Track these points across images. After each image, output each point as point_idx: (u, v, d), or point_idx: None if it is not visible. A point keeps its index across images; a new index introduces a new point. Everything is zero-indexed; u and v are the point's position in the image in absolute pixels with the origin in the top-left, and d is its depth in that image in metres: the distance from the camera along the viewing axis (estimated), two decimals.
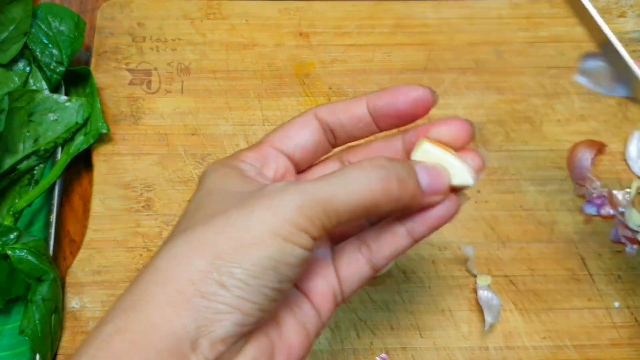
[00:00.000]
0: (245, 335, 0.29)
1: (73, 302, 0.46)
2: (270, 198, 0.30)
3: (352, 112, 0.35)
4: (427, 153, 0.33)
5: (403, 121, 0.35)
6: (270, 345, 0.31)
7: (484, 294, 0.46)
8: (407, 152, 0.35)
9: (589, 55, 0.37)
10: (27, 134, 0.50)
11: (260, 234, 0.29)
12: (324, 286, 0.33)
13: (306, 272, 0.33)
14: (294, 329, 0.32)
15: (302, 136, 0.35)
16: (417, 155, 0.34)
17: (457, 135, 0.34)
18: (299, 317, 0.32)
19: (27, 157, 0.50)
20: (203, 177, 0.34)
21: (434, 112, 0.35)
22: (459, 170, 0.33)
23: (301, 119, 0.35)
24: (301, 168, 0.36)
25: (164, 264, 0.29)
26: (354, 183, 0.30)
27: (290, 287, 0.30)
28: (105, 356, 0.28)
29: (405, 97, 0.34)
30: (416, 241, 0.34)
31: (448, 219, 0.34)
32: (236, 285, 0.28)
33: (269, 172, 0.34)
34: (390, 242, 0.34)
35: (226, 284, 0.28)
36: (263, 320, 0.30)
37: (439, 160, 0.33)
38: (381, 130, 0.36)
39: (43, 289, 0.44)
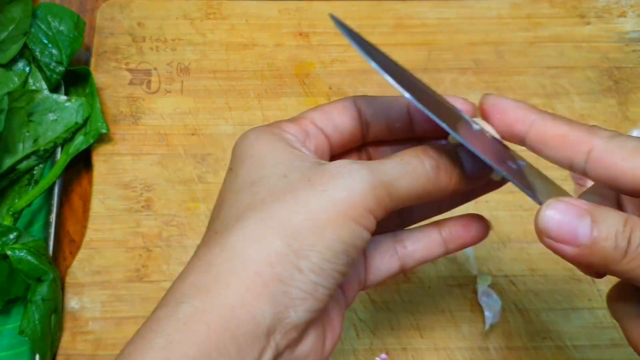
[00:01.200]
0: (313, 322, 0.29)
1: (73, 302, 0.46)
2: (342, 177, 0.29)
3: (393, 108, 0.34)
4: None
5: (439, 134, 0.33)
6: (323, 329, 0.31)
7: (484, 294, 0.46)
8: None
9: None
10: (27, 134, 0.50)
11: (334, 215, 0.28)
12: (351, 271, 0.33)
13: None
14: (335, 311, 0.32)
15: (342, 120, 0.33)
16: None
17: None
18: (338, 299, 0.32)
19: (27, 157, 0.50)
20: (244, 145, 0.32)
21: None
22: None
23: (342, 102, 0.34)
24: (333, 153, 0.34)
25: (239, 245, 0.28)
26: (415, 169, 0.30)
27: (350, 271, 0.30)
28: (183, 339, 0.27)
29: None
30: (447, 253, 0.35)
31: (477, 238, 0.35)
32: (312, 269, 0.28)
33: (310, 148, 0.33)
34: (426, 247, 0.34)
35: (302, 268, 0.28)
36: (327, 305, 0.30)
37: None
38: (416, 135, 0.34)
39: (43, 289, 0.44)
